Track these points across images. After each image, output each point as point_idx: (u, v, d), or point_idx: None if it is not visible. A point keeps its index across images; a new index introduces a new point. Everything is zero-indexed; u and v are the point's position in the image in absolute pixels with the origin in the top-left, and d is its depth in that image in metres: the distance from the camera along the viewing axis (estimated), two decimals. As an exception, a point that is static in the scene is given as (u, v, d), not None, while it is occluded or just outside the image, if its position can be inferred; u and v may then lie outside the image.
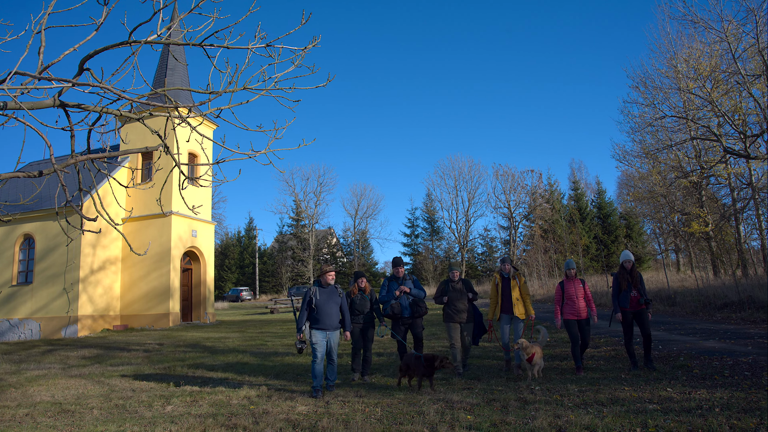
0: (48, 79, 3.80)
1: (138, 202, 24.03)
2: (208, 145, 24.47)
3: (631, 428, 5.42)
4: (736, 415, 5.66)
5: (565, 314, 9.15)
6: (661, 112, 25.43)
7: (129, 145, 20.31)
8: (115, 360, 13.73)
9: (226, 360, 12.77)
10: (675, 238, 39.27)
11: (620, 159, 35.61)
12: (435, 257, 58.10)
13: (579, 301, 9.08)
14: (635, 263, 9.43)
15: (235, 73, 4.11)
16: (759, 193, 26.25)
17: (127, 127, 23.53)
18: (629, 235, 50.33)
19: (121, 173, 23.89)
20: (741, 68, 21.58)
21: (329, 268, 8.55)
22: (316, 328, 8.25)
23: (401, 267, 9.88)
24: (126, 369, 12.00)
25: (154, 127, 4.47)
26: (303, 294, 9.52)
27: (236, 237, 68.91)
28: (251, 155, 4.33)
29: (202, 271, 26.70)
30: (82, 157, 4.02)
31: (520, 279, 9.59)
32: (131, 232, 24.13)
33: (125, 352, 15.32)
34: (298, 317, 8.46)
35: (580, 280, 9.28)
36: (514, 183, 53.65)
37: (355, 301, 9.38)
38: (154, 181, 21.29)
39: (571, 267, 9.39)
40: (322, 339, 8.20)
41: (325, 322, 8.25)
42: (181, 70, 26.35)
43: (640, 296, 8.94)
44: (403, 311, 9.46)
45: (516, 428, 5.64)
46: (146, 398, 8.52)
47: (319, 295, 8.35)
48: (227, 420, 6.67)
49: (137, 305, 24.38)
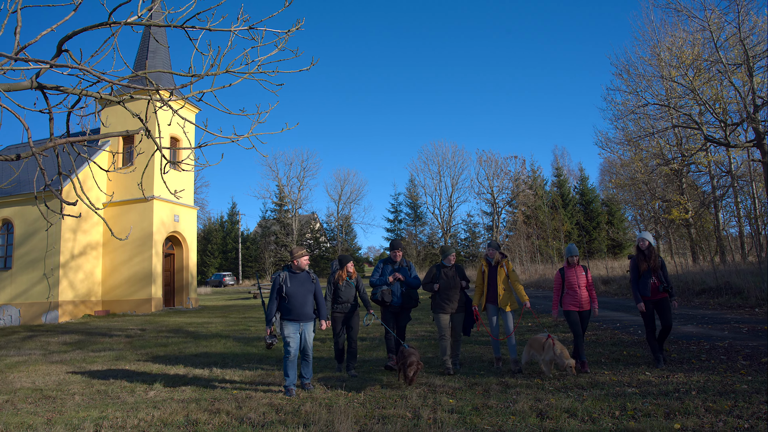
0: (25, 60, 3.72)
1: (119, 186, 23.73)
2: (191, 129, 24.21)
3: (611, 411, 5.52)
4: (712, 397, 5.79)
5: (565, 304, 8.19)
6: (643, 99, 25.63)
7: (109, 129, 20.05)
8: (96, 346, 13.62)
9: (209, 345, 12.74)
10: (656, 225, 39.76)
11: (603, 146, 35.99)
12: (418, 242, 58.27)
13: (581, 290, 8.12)
14: (650, 246, 8.19)
15: (218, 55, 4.06)
16: (738, 181, 26.66)
17: (108, 110, 23.16)
18: (611, 221, 50.88)
19: (101, 157, 23.54)
20: (723, 57, 21.78)
21: (302, 252, 7.59)
22: (287, 320, 7.37)
23: (399, 250, 8.92)
24: (108, 355, 11.92)
25: (135, 110, 4.40)
26: (273, 282, 7.93)
27: (219, 222, 68.47)
28: (234, 139, 4.29)
29: (184, 256, 26.52)
30: (62, 140, 3.95)
31: (508, 266, 8.56)
32: (112, 217, 23.86)
33: (107, 337, 15.21)
34: (267, 307, 7.53)
35: (582, 267, 8.29)
36: (497, 169, 54.01)
37: (341, 288, 8.45)
38: (136, 165, 20.98)
39: (573, 253, 8.34)
40: (294, 332, 7.35)
41: (298, 313, 7.36)
42: (162, 52, 25.93)
43: (660, 282, 7.93)
44: (394, 299, 8.65)
45: (497, 411, 5.71)
46: (128, 384, 8.48)
47: (290, 282, 7.42)
48: (210, 405, 6.67)
49: (119, 290, 24.16)
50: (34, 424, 5.87)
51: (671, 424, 4.88)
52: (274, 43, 4.26)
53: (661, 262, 8.09)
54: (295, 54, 4.32)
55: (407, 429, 5.04)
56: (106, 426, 5.77)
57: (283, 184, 61.42)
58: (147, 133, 4.24)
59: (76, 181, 4.71)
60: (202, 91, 4.21)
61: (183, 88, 4.20)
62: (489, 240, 11.11)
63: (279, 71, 4.32)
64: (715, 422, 4.91)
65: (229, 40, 4.12)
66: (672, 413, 5.29)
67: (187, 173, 26.09)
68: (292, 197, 61.10)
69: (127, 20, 3.83)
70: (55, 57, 3.74)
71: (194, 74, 4.10)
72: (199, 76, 4.08)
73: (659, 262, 8.05)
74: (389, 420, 5.50)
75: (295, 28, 4.23)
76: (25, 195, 22.32)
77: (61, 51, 3.74)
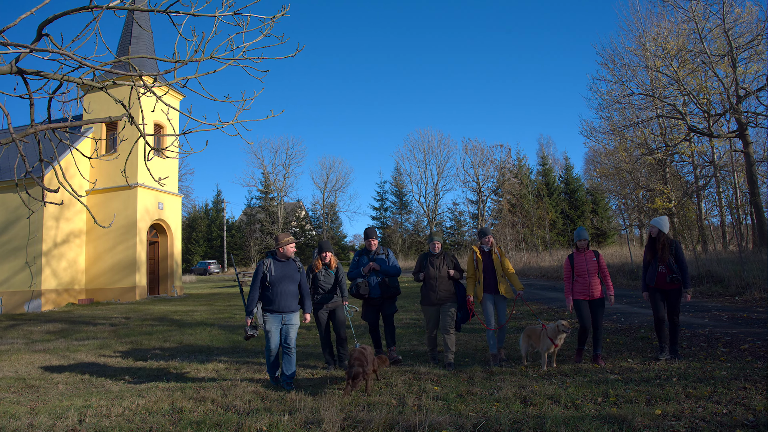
0: (4, 44, 3.64)
1: (102, 173, 23.46)
2: (175, 115, 23.94)
3: (593, 398, 5.60)
4: (692, 384, 5.90)
5: (575, 293, 7.66)
6: (628, 89, 25.79)
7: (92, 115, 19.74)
8: (80, 334, 13.53)
9: (194, 333, 12.71)
10: (639, 214, 40.13)
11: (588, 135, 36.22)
12: (404, 231, 58.37)
13: (592, 277, 7.57)
14: (661, 234, 7.67)
15: (202, 41, 4.00)
16: (720, 172, 26.99)
17: (90, 97, 22.77)
18: (595, 210, 51.29)
19: (84, 144, 23.22)
20: (707, 48, 21.96)
21: (289, 239, 7.09)
22: (269, 311, 6.90)
23: (374, 239, 8.41)
24: (92, 343, 11.85)
25: (118, 96, 4.33)
26: (256, 270, 7.18)
27: (204, 209, 68.01)
28: (218, 126, 4.25)
29: (169, 243, 26.34)
30: (43, 126, 3.88)
31: (501, 253, 8.14)
32: (96, 205, 23.60)
33: (91, 326, 15.11)
34: (248, 297, 7.01)
35: (593, 252, 7.74)
36: (483, 157, 54.17)
37: (319, 277, 7.95)
38: (119, 153, 20.75)
39: (582, 237, 7.78)
40: (276, 324, 6.90)
41: (281, 304, 6.89)
42: (146, 37, 25.55)
43: (670, 272, 7.41)
44: (371, 291, 8.10)
45: (482, 398, 5.77)
46: (113, 372, 8.45)
47: (273, 270, 6.94)
48: (195, 393, 6.67)
49: (103, 279, 23.96)
50: (17, 414, 5.83)
51: (652, 410, 4.96)
52: (259, 29, 4.21)
53: (676, 249, 7.53)
54: (280, 40, 4.27)
55: (392, 416, 5.07)
56: (90, 414, 5.74)
57: (268, 172, 61.20)
58: (130, 119, 4.19)
59: (58, 168, 4.65)
60: (186, 77, 4.16)
61: (167, 74, 4.15)
62: (480, 228, 9.56)
63: (264, 58, 4.27)
64: (694, 408, 5.00)
65: (214, 25, 4.06)
66: (653, 399, 5.38)
67: (171, 160, 25.85)
68: (277, 185, 60.88)
69: (109, 4, 3.76)
70: (36, 41, 3.66)
71: (178, 60, 4.05)
72: (183, 62, 4.03)
73: (671, 251, 7.50)
74: (374, 407, 5.54)
75: (280, 14, 4.19)
76: (6, 182, 21.98)
77: (42, 35, 3.67)
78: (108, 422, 5.41)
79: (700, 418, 4.71)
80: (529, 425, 4.67)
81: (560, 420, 4.73)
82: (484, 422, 4.78)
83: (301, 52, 4.22)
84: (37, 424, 5.37)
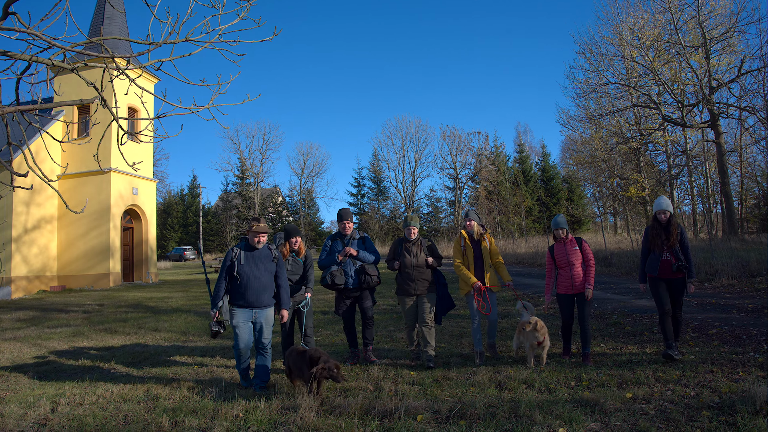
0: (-31, 23, 3.53)
1: (74, 157, 22.97)
2: (149, 99, 23.52)
3: (567, 382, 5.70)
4: (662, 368, 6.04)
5: (558, 287, 7.01)
6: (605, 78, 26.08)
7: (63, 98, 19.29)
8: (52, 322, 13.31)
9: (170, 320, 12.59)
10: (614, 202, 40.85)
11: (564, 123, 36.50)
12: (381, 217, 58.39)
13: (575, 269, 6.83)
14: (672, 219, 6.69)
15: (177, 23, 3.93)
16: (692, 161, 27.49)
17: (61, 78, 22.23)
18: (571, 198, 51.91)
19: (55, 127, 22.71)
20: (682, 39, 22.25)
21: (262, 226, 6.21)
22: (237, 305, 6.08)
23: (348, 221, 7.47)
24: (65, 331, 11.67)
25: (90, 78, 4.24)
26: (224, 258, 6.30)
27: (179, 195, 67.20)
28: (194, 110, 4.19)
29: (143, 229, 25.99)
30: (11, 108, 3.78)
31: (490, 239, 7.37)
32: (68, 190, 23.13)
33: (63, 313, 14.87)
34: (214, 289, 6.21)
35: (575, 240, 6.97)
36: (460, 144, 54.34)
37: (285, 266, 6.90)
38: (92, 136, 20.34)
39: (559, 225, 7.02)
40: (244, 321, 6.06)
41: (251, 298, 6.07)
42: (119, 19, 24.98)
43: (676, 260, 6.53)
44: (347, 281, 7.22)
45: (457, 383, 5.83)
46: (86, 360, 8.34)
47: (243, 260, 6.12)
48: (170, 380, 6.62)
49: (76, 265, 23.58)
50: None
51: (623, 394, 5.07)
52: (235, 11, 4.15)
53: (681, 233, 6.66)
54: (257, 24, 4.22)
55: (369, 401, 5.10)
56: (62, 403, 5.67)
57: (245, 157, 60.61)
58: (103, 102, 4.10)
59: (28, 152, 4.55)
60: (160, 60, 4.08)
61: (140, 56, 4.07)
62: (468, 208, 8.16)
63: (240, 41, 4.22)
64: (664, 391, 5.13)
65: (189, 6, 3.99)
66: (624, 383, 5.50)
67: (145, 145, 25.38)
68: (254, 170, 60.36)
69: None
70: (2, 20, 3.56)
71: (152, 42, 3.97)
72: (156, 44, 3.95)
73: (677, 235, 6.61)
74: (351, 393, 5.56)
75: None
76: (-26, 166, 21.42)
77: (8, 13, 3.56)
78: (81, 410, 5.35)
79: (668, 400, 4.83)
80: (504, 409, 4.73)
81: (534, 404, 4.80)
82: (460, 406, 4.83)
83: (278, 36, 4.17)
84: (8, 414, 5.29)
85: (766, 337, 7.34)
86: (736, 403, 4.52)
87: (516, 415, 4.58)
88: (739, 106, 22.69)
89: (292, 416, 4.75)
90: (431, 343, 6.88)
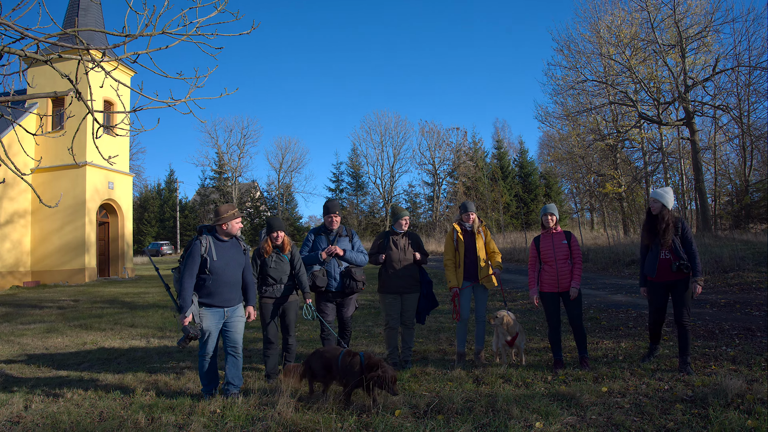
0: (-62, 12, 3.44)
1: (49, 151, 22.51)
2: (125, 92, 23.14)
3: (543, 377, 5.77)
4: (637, 362, 6.15)
5: (541, 284, 6.41)
6: (583, 75, 26.34)
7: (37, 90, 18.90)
8: (26, 318, 13.08)
9: (146, 316, 12.46)
10: (590, 198, 41.37)
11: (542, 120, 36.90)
12: (360, 212, 58.34)
13: (561, 265, 6.27)
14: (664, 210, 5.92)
15: (153, 15, 3.88)
16: (668, 158, 27.93)
17: (34, 70, 21.77)
18: (548, 194, 52.40)
19: (28, 120, 22.25)
20: (658, 38, 22.54)
21: (234, 212, 5.44)
22: (207, 305, 5.30)
23: (336, 215, 6.68)
24: (39, 327, 11.48)
25: (64, 70, 4.16)
26: (190, 251, 5.28)
27: (156, 189, 66.32)
28: (171, 104, 4.14)
29: (119, 224, 25.63)
30: (-18, 100, 3.70)
31: (486, 233, 6.91)
32: (42, 184, 22.70)
33: (37, 309, 14.62)
34: (181, 288, 5.23)
35: (564, 234, 6.42)
36: (439, 140, 54.61)
37: (269, 264, 6.15)
38: (66, 130, 19.92)
39: (550, 211, 6.45)
40: (215, 323, 5.34)
41: (224, 296, 5.37)
42: (94, 10, 24.54)
43: (676, 258, 5.77)
44: (330, 283, 6.45)
45: (435, 378, 5.87)
46: (61, 357, 8.22)
47: (216, 253, 5.34)
48: (147, 376, 6.56)
49: (50, 260, 23.17)
50: (-43, 399, 5.62)
51: (599, 388, 5.14)
52: (213, 4, 4.11)
53: (683, 229, 5.87)
54: (235, 17, 4.18)
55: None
56: (36, 401, 5.59)
57: (222, 152, 60.05)
58: (77, 95, 4.03)
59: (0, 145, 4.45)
60: (137, 52, 4.02)
61: (116, 48, 4.00)
62: (465, 202, 7.11)
63: (219, 34, 4.17)
64: (638, 385, 5.22)
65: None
66: (600, 377, 5.59)
67: (121, 138, 25.03)
68: (232, 165, 59.86)
69: (53, -27, 3.59)
70: (-27, 10, 3.48)
71: (128, 34, 3.91)
72: (133, 36, 3.89)
73: (676, 232, 5.85)
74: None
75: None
76: (-56, 159, 20.91)
77: (-20, 3, 3.48)
78: (56, 407, 5.27)
79: (643, 394, 4.91)
80: (481, 403, 4.77)
81: (511, 398, 4.85)
82: (437, 401, 4.86)
83: (256, 29, 4.13)
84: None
85: (738, 332, 7.51)
86: (708, 396, 4.61)
87: (493, 410, 4.62)
88: (714, 105, 23.12)
89: (270, 412, 4.73)
90: (411, 345, 6.73)
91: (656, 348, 6.20)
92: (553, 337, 6.31)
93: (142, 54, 3.95)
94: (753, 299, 10.16)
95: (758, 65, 22.23)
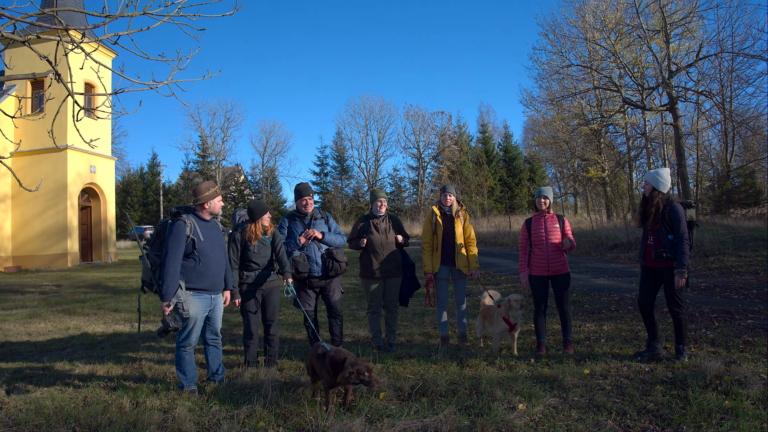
0: None
1: (28, 134, 22.15)
2: (107, 74, 22.76)
3: (526, 359, 5.84)
4: (619, 345, 6.25)
5: (531, 267, 6.34)
6: (567, 60, 26.29)
7: (15, 71, 18.52)
8: (7, 303, 12.94)
9: (130, 300, 12.38)
10: (574, 183, 41.67)
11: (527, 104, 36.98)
12: (344, 196, 58.24)
13: (552, 248, 6.22)
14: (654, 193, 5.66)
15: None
16: (651, 143, 28.16)
17: (12, 51, 21.34)
18: (532, 178, 52.66)
19: (7, 102, 21.84)
20: (643, 23, 22.56)
21: (215, 189, 5.25)
22: (196, 290, 5.01)
23: (310, 197, 6.52)
24: (21, 312, 11.36)
25: (43, 52, 4.08)
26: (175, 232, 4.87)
27: (139, 173, 65.60)
28: (152, 86, 4.08)
29: (102, 208, 25.36)
30: (-42, 81, 3.62)
31: (465, 217, 6.88)
32: (22, 167, 22.34)
33: (19, 294, 14.47)
34: (165, 272, 4.86)
35: (556, 217, 6.35)
36: (424, 124, 54.47)
37: (252, 249, 5.82)
38: (46, 112, 19.66)
39: (544, 195, 6.37)
40: (202, 310, 5.07)
41: (214, 280, 5.14)
42: (74, -10, 24.04)
43: (659, 245, 5.54)
44: (313, 268, 6.29)
45: (419, 361, 5.91)
46: (44, 343, 8.15)
47: (201, 234, 5.06)
48: (132, 361, 6.54)
49: (32, 245, 22.90)
50: (-62, 385, 5.56)
51: (581, 370, 5.22)
52: (196, -15, 4.04)
53: (671, 214, 5.49)
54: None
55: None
56: (19, 387, 5.55)
57: (206, 135, 59.38)
58: (57, 77, 3.96)
59: (-23, 127, 4.37)
60: (117, 33, 3.95)
61: (96, 29, 3.92)
62: (446, 185, 7.05)
63: (201, 15, 4.11)
64: (620, 367, 5.30)
65: (147, -21, 3.86)
66: (582, 360, 5.67)
67: (103, 121, 24.66)
68: (215, 148, 59.30)
69: (30, -49, 3.51)
70: (-52, -12, 3.39)
71: (108, 14, 3.83)
72: (113, 17, 3.82)
73: (664, 217, 5.54)
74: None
75: (218, -30, 4.02)
76: None
77: (-46, -18, 3.39)
78: (39, 393, 5.24)
79: (624, 376, 5.00)
80: (465, 386, 4.83)
81: (495, 380, 4.91)
82: (422, 384, 4.91)
83: (239, 11, 4.08)
84: (-39, 396, 5.15)
85: (718, 315, 7.65)
86: (687, 378, 4.71)
87: (477, 392, 4.68)
88: (697, 90, 23.25)
89: (256, 395, 4.75)
90: (395, 329, 6.75)
91: (656, 347, 5.59)
92: (539, 322, 6.32)
93: (123, 35, 3.88)
94: (732, 283, 10.34)
95: (741, 51, 22.39)
